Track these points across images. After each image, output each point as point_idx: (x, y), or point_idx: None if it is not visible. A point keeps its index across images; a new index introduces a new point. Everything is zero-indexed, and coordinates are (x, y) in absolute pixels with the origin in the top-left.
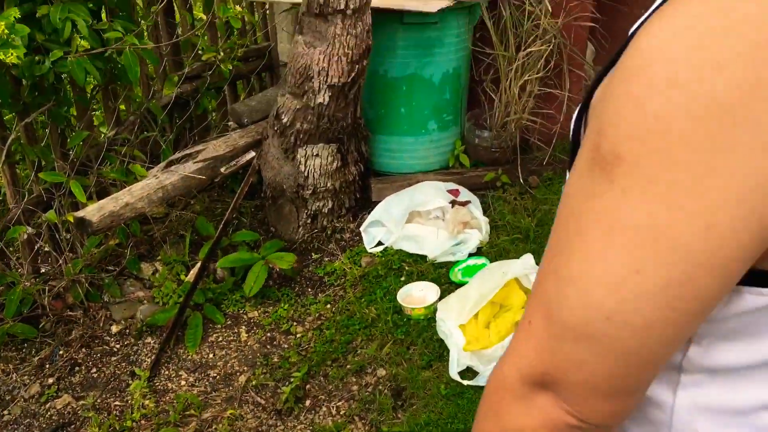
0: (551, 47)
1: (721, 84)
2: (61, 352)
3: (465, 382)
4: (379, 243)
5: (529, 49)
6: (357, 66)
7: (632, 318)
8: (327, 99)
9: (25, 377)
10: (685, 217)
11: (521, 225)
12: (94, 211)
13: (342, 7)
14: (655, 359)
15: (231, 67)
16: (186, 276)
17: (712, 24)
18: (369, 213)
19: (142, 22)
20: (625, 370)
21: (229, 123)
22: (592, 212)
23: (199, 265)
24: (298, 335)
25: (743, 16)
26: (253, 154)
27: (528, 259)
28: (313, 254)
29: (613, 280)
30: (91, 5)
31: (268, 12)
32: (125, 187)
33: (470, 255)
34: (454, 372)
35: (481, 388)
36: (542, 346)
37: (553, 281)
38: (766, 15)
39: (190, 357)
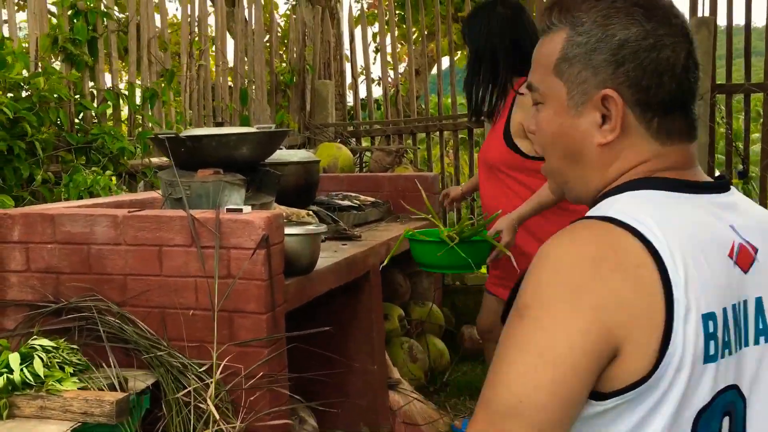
0: None
1: (570, 274)
2: None
3: None
4: None
5: None
6: None
7: (535, 400)
8: None
9: None
10: (558, 341)
11: None
12: None
13: None
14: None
15: None
16: None
17: (568, 247)
18: None
19: None
20: None
21: None
22: (510, 340)
23: None
24: None
25: (578, 248)
26: None
27: None
28: None
29: (523, 377)
30: None
31: None
32: None
33: None
34: None
35: None
36: (483, 430)
37: (489, 387)
38: (582, 251)
39: None
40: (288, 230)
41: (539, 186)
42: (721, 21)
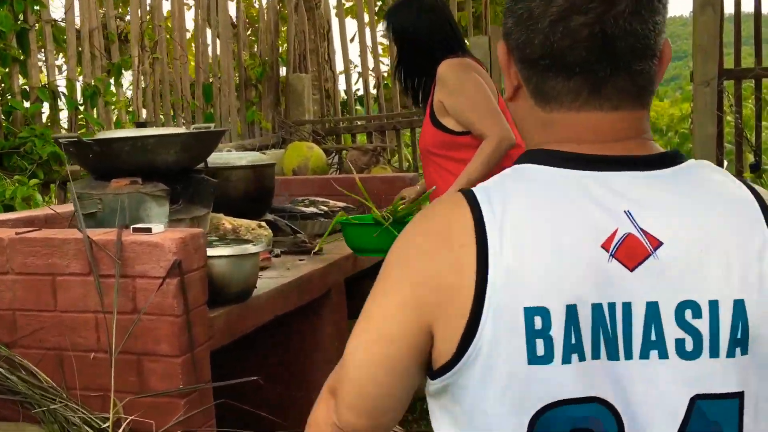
0: None
1: (404, 249)
2: None
3: None
4: None
5: None
6: None
7: (354, 356)
8: None
9: None
10: (379, 308)
11: None
12: None
13: None
14: (370, 395)
15: None
16: None
17: (418, 221)
18: None
19: None
20: (358, 394)
21: None
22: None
23: None
24: None
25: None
26: None
27: None
28: None
29: (356, 332)
30: None
31: None
32: None
33: None
34: None
35: None
36: (337, 370)
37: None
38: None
39: None
40: (214, 251)
41: None
42: (728, 9)
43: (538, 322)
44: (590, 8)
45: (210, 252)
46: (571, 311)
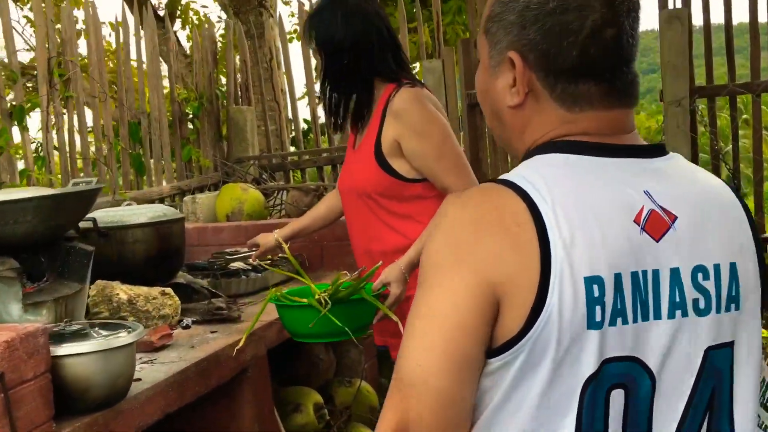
0: None
1: (454, 237)
2: None
3: None
4: None
5: None
6: None
7: (429, 363)
8: None
9: None
10: (444, 302)
11: None
12: None
13: None
14: (454, 400)
15: None
16: None
17: (457, 211)
18: None
19: None
20: (436, 407)
21: None
22: (412, 310)
23: None
24: None
25: (450, 220)
26: None
27: None
28: None
29: (419, 342)
30: None
31: None
32: None
33: None
34: None
35: None
36: (394, 402)
37: (398, 357)
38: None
39: None
40: (66, 348)
41: (423, 214)
42: (696, 20)
43: (595, 290)
44: (618, 21)
45: (61, 350)
46: (618, 278)
